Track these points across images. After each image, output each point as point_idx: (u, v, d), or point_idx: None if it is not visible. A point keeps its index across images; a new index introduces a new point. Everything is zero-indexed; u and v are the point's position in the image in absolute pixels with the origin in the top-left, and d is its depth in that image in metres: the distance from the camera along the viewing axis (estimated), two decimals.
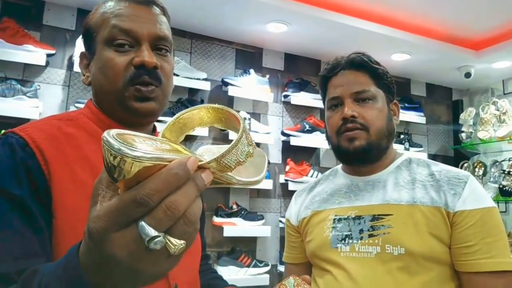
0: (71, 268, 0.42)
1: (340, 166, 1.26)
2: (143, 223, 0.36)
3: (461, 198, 0.97)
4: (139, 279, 0.40)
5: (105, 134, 0.36)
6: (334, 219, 1.10)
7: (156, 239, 0.36)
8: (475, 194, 0.99)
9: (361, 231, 1.04)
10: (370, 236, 1.02)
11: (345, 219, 1.09)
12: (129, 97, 0.76)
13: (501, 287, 0.91)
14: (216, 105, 0.47)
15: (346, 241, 1.05)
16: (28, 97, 2.03)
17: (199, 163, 0.39)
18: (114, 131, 0.37)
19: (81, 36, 2.16)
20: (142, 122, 0.82)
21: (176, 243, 0.37)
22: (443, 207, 0.98)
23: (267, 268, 2.44)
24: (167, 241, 0.36)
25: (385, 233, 1.01)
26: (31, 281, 0.47)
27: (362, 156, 1.08)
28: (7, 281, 0.59)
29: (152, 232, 0.35)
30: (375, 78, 1.12)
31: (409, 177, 1.07)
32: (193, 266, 0.86)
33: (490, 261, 0.92)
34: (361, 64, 1.12)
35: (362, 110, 1.07)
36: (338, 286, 1.02)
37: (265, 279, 2.41)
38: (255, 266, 2.39)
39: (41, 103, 2.08)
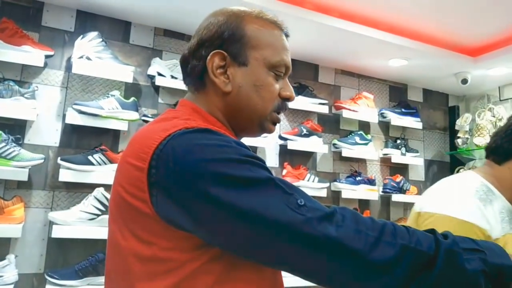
0: None
1: (491, 185, 1.18)
2: None
3: None
4: None
5: None
6: None
7: None
8: None
9: None
10: None
11: None
12: (269, 120, 0.84)
13: None
14: None
15: None
16: (26, 98, 2.02)
17: None
18: None
19: (82, 37, 2.17)
20: (253, 136, 0.89)
21: None
22: None
23: None
24: None
25: None
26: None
27: None
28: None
29: None
30: None
31: None
32: None
33: None
34: None
35: None
36: None
37: None
38: None
39: (39, 104, 2.08)
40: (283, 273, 0.78)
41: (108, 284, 0.77)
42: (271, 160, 2.75)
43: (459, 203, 1.12)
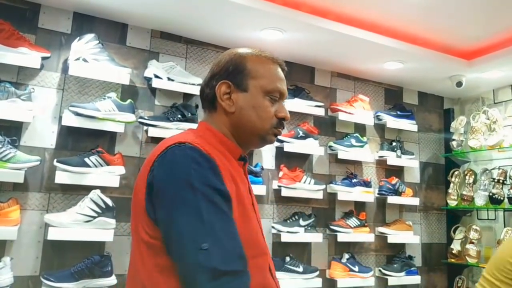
0: None
1: None
2: None
3: None
4: None
5: None
6: None
7: None
8: None
9: None
10: None
11: None
12: (270, 134, 1.04)
13: None
14: None
15: None
16: (22, 100, 2.02)
17: None
18: None
19: (78, 39, 2.17)
20: (256, 148, 1.14)
21: None
22: None
23: None
24: None
25: None
26: None
27: None
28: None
29: None
30: None
31: None
32: None
33: None
34: None
35: None
36: None
37: None
38: None
39: (35, 106, 2.08)
40: (282, 276, 0.90)
41: (131, 263, 0.97)
42: (268, 162, 2.75)
43: None
